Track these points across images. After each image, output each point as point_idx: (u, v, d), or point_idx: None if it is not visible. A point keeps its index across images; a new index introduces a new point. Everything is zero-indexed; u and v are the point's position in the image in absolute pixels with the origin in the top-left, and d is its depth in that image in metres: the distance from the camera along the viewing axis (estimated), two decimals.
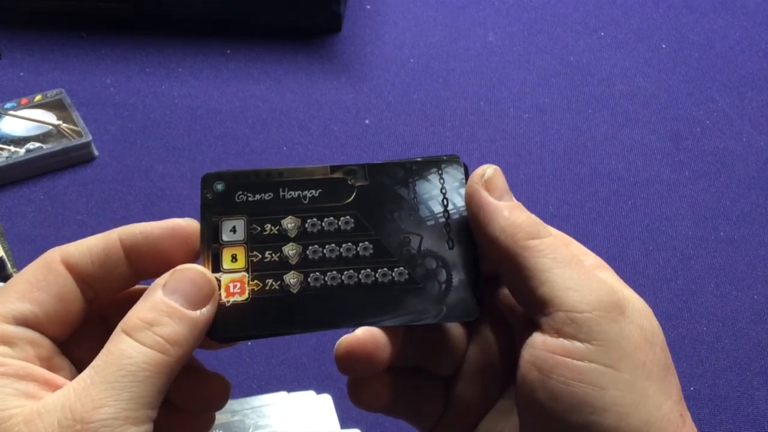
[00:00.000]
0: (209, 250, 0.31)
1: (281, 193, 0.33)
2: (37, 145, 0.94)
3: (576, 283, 0.29)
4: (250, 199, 0.32)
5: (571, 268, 0.29)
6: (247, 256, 0.31)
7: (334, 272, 0.31)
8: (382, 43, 1.15)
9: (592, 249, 0.32)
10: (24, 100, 1.00)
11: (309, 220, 0.32)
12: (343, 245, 0.32)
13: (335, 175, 0.33)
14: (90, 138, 0.96)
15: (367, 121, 1.04)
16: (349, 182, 0.33)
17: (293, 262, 0.31)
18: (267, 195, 0.32)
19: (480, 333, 0.33)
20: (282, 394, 0.64)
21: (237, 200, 0.32)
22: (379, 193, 0.33)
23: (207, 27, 1.15)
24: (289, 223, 0.32)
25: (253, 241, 0.32)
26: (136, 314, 0.28)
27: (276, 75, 1.09)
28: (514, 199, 0.31)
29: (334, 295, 0.31)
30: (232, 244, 0.32)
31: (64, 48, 1.11)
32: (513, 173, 0.99)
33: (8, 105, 0.99)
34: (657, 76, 1.13)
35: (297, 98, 1.06)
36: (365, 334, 0.31)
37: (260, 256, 0.31)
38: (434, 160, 0.34)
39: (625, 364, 0.28)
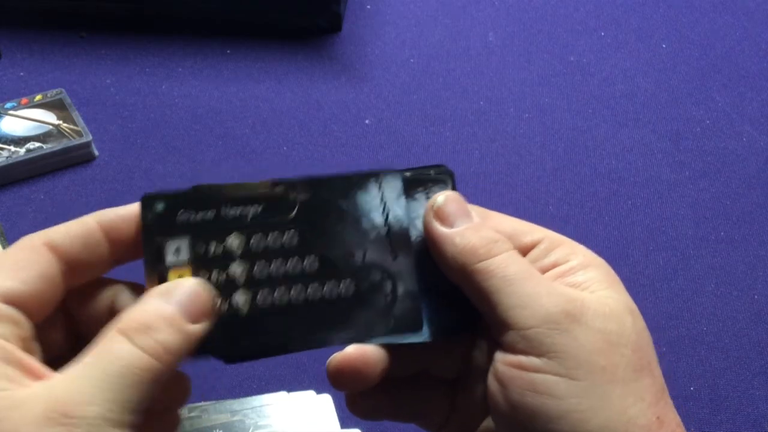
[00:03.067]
0: (155, 272, 0.30)
1: (223, 211, 0.31)
2: (38, 144, 0.94)
3: (524, 300, 0.29)
4: (192, 218, 0.31)
5: (519, 285, 0.29)
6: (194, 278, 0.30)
7: (282, 289, 0.31)
8: (382, 43, 1.15)
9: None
10: (24, 100, 1.00)
11: (253, 237, 0.31)
12: (289, 261, 0.31)
13: (277, 190, 0.32)
14: (90, 138, 0.96)
15: (367, 121, 1.04)
16: (291, 197, 0.32)
17: (240, 282, 0.31)
18: (209, 213, 0.31)
19: (480, 336, 0.33)
20: (282, 394, 0.64)
21: (179, 220, 0.31)
22: (322, 206, 0.32)
23: (207, 27, 1.15)
24: (234, 241, 0.31)
25: (198, 262, 0.31)
26: (135, 316, 0.27)
27: (276, 75, 1.09)
28: (473, 219, 0.31)
29: (284, 314, 0.31)
30: (178, 265, 0.30)
31: (64, 48, 1.11)
32: (513, 173, 0.99)
33: (8, 105, 0.99)
34: (657, 76, 1.13)
35: (297, 98, 1.06)
36: (355, 352, 0.31)
37: (207, 276, 0.31)
38: (397, 170, 0.33)
39: (581, 372, 0.28)
